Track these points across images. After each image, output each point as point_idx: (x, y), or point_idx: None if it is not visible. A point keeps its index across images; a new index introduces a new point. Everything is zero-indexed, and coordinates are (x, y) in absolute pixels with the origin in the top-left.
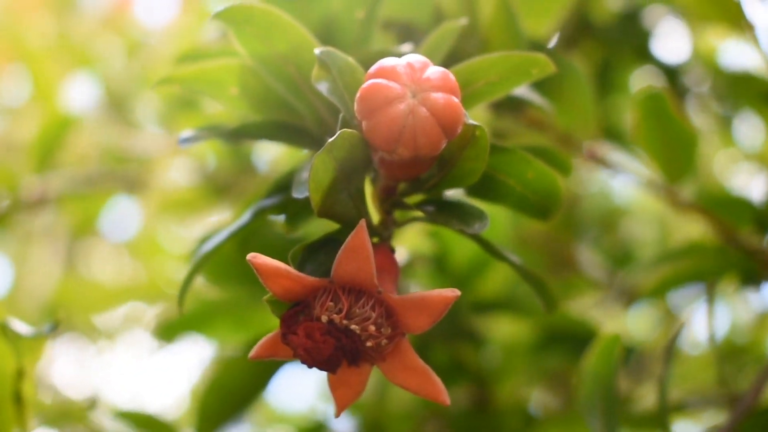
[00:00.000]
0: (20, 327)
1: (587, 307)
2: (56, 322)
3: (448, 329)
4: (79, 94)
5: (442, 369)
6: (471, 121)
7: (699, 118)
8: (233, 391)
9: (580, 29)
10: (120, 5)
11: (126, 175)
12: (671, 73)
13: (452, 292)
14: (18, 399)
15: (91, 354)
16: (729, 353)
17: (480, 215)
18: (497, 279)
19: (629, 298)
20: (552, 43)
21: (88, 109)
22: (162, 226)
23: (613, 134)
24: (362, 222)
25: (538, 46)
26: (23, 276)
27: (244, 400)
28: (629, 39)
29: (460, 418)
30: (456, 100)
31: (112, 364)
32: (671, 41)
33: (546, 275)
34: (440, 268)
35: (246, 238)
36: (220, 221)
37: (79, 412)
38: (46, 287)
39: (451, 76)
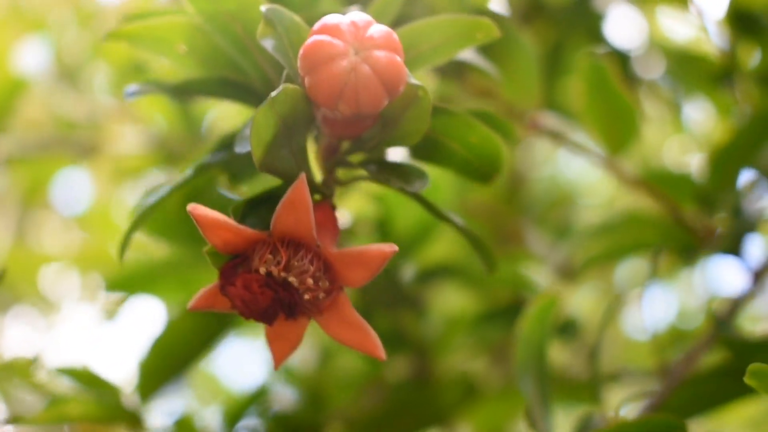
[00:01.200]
0: None
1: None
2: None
3: (390, 296)
4: (31, 59)
5: (383, 338)
6: (414, 81)
7: (650, 104)
8: (174, 352)
9: (532, 9)
10: None
11: (77, 141)
12: (623, 58)
13: (390, 247)
14: None
15: (41, 325)
16: (675, 339)
17: (421, 174)
18: (441, 246)
19: (570, 271)
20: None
21: (40, 75)
22: (113, 197)
23: (563, 114)
24: (302, 176)
25: (485, 12)
26: None
27: (186, 361)
28: (581, 21)
29: (400, 388)
30: (399, 59)
31: (62, 335)
32: (623, 25)
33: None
34: (383, 232)
35: (192, 196)
36: (167, 178)
37: (24, 369)
38: None
39: (395, 36)
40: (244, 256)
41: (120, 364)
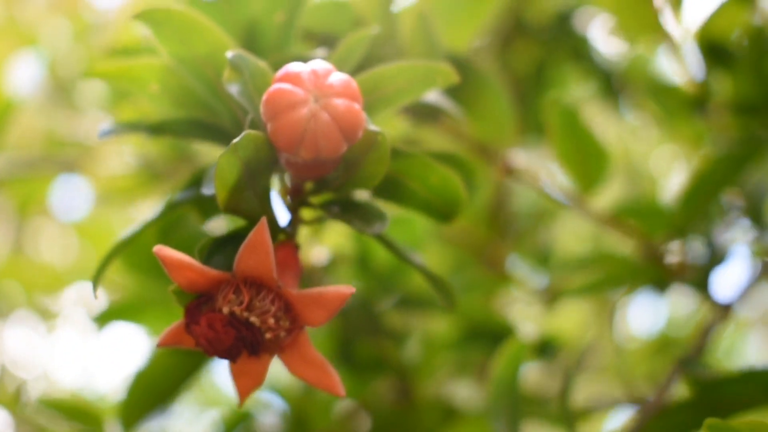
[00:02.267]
0: None
1: (512, 304)
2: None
3: (371, 326)
4: (24, 75)
5: (365, 364)
6: (372, 127)
7: (636, 114)
8: (159, 382)
9: (515, 29)
10: None
11: (67, 160)
12: (606, 73)
13: (348, 289)
14: None
15: (38, 333)
16: (664, 346)
17: (381, 216)
18: (418, 277)
19: (551, 296)
20: (473, 49)
21: (32, 91)
22: (109, 209)
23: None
24: (263, 219)
25: (453, 56)
26: None
27: (170, 391)
28: (564, 39)
29: (383, 411)
30: (357, 106)
31: (59, 344)
32: (605, 42)
33: (475, 270)
34: (363, 267)
35: (166, 230)
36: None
37: (10, 400)
38: None
39: (353, 83)
40: (208, 296)
41: (116, 371)
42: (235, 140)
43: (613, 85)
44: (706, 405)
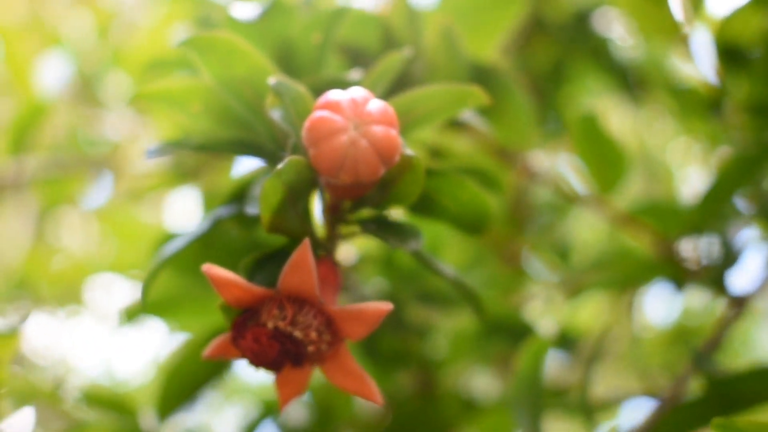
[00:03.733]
0: None
1: (532, 298)
2: (27, 313)
3: (395, 321)
4: (52, 73)
5: (389, 357)
6: (408, 152)
7: (651, 108)
8: (193, 374)
9: (533, 27)
10: None
11: (96, 160)
12: (623, 70)
13: (386, 305)
14: None
15: (60, 322)
16: (680, 336)
17: (416, 234)
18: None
19: (569, 292)
20: (498, 55)
21: (60, 89)
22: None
23: (560, 124)
24: (306, 240)
25: (480, 70)
26: None
27: (203, 382)
28: (582, 38)
29: (406, 402)
30: (394, 132)
31: (81, 332)
32: (622, 41)
33: (495, 267)
34: (388, 265)
35: (206, 238)
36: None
37: (48, 393)
38: (15, 255)
39: (390, 110)
40: (253, 311)
41: (137, 359)
42: (279, 166)
43: (629, 81)
44: (719, 401)
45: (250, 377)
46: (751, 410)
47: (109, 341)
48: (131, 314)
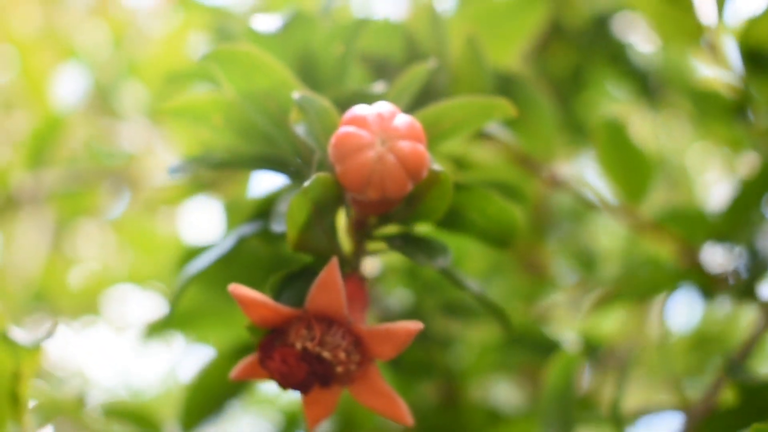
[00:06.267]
0: (19, 335)
1: (555, 307)
2: (52, 327)
3: (420, 332)
4: (68, 85)
5: (412, 367)
6: (436, 167)
7: (671, 113)
8: (217, 388)
9: (552, 33)
10: None
11: (113, 172)
12: (642, 74)
13: (416, 325)
14: (15, 399)
15: (77, 333)
16: (701, 342)
17: (444, 250)
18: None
19: (597, 302)
20: (519, 62)
21: (76, 101)
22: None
23: (580, 131)
24: (334, 259)
25: (504, 79)
26: (10, 253)
27: (229, 396)
28: (602, 42)
29: (430, 413)
30: (421, 147)
31: (98, 343)
32: (642, 45)
33: (517, 275)
34: (411, 276)
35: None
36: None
37: (72, 407)
38: (32, 267)
39: (417, 125)
40: (280, 331)
41: (154, 370)
42: (306, 183)
43: (649, 85)
44: (754, 409)
45: (269, 388)
46: None
47: (125, 352)
48: (155, 329)
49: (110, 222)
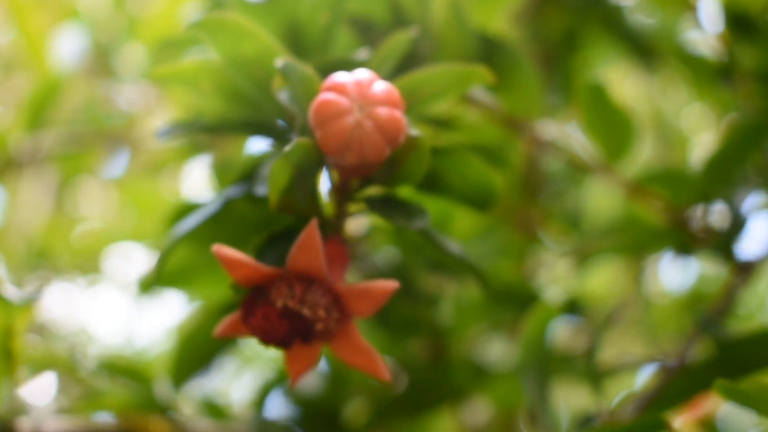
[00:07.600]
0: (10, 292)
1: (545, 265)
2: (43, 284)
3: (405, 289)
4: (67, 46)
5: (400, 325)
6: (413, 132)
7: (665, 74)
8: (206, 342)
9: None
10: None
11: (113, 133)
12: (635, 37)
13: (392, 284)
14: (8, 355)
15: (80, 291)
16: (695, 302)
17: (422, 212)
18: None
19: (580, 257)
20: (507, 25)
21: (75, 62)
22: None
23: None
24: (314, 220)
25: (488, 42)
26: (12, 213)
27: (217, 350)
28: (595, 5)
29: (418, 369)
30: (399, 113)
31: (99, 300)
32: (634, 9)
33: (509, 234)
34: (398, 235)
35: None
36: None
37: (65, 362)
38: (34, 224)
39: (395, 91)
40: (263, 289)
41: (155, 327)
42: (286, 148)
43: (642, 48)
44: (726, 365)
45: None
46: (759, 374)
47: (128, 310)
48: (146, 285)
49: (112, 182)
